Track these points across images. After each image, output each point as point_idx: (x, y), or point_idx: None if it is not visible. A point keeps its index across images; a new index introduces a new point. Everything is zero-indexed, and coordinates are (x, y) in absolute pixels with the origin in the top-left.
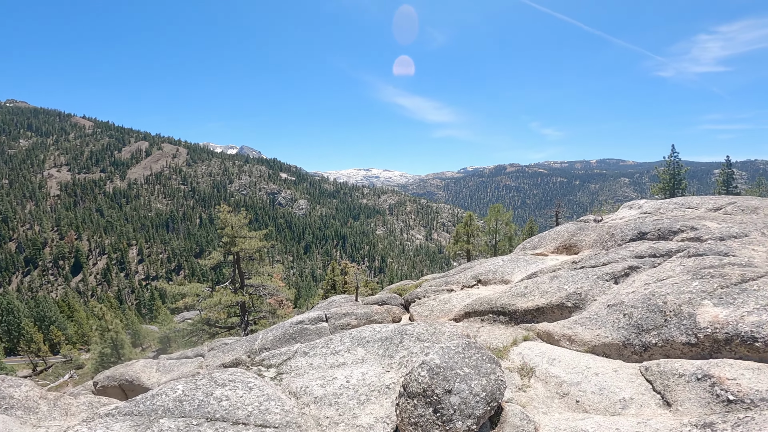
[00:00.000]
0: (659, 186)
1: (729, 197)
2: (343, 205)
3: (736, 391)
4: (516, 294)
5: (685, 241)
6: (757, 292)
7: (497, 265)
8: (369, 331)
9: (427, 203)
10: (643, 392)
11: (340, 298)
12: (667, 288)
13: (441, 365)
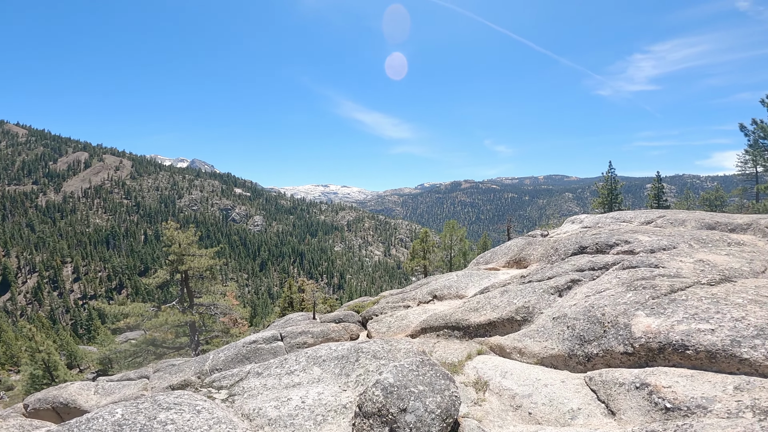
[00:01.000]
0: (599, 200)
1: (659, 211)
2: (300, 222)
3: (672, 398)
4: (469, 309)
5: (620, 254)
6: (685, 302)
7: (452, 280)
8: (325, 349)
9: (385, 219)
10: (589, 402)
11: (297, 316)
12: (604, 300)
13: (395, 384)
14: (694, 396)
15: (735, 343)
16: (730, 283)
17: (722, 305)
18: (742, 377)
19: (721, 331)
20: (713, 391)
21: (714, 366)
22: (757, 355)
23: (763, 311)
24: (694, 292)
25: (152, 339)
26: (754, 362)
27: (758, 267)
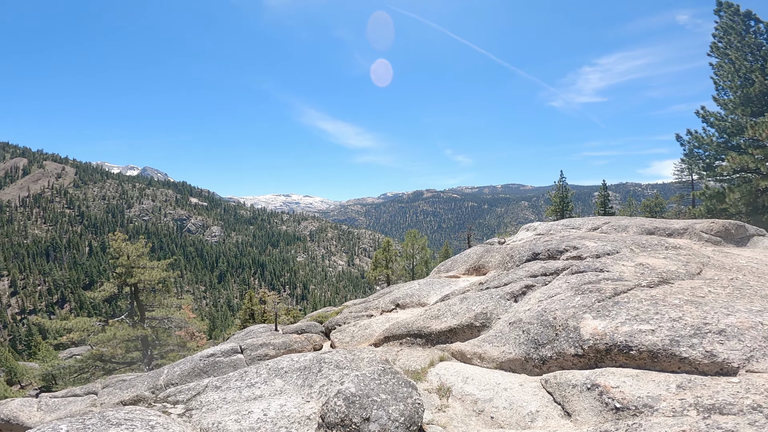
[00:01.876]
0: (551, 208)
1: (605, 218)
2: (261, 232)
3: (621, 398)
4: (430, 316)
5: (569, 260)
6: (627, 304)
7: (414, 288)
8: (287, 361)
9: (348, 229)
10: (546, 404)
11: (259, 328)
12: (555, 304)
13: (357, 393)
14: (641, 395)
15: (674, 342)
16: (668, 285)
17: (661, 306)
18: (684, 376)
19: (661, 332)
20: (658, 390)
21: (657, 365)
22: (696, 354)
23: (698, 311)
24: (636, 294)
25: (100, 354)
26: (693, 361)
27: (693, 269)
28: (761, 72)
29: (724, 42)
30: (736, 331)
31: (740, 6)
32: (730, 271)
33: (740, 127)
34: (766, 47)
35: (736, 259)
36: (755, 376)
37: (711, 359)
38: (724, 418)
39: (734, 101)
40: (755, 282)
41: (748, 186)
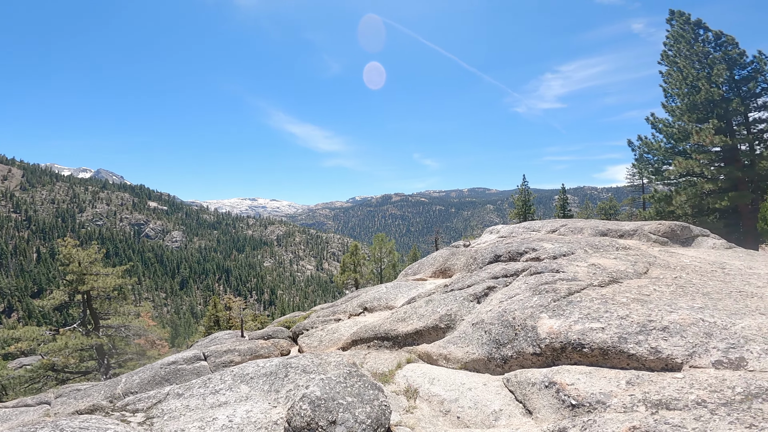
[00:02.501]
0: (515, 211)
1: (563, 220)
2: (225, 237)
3: (576, 395)
4: (397, 319)
5: (528, 261)
6: (580, 303)
7: (381, 292)
8: (252, 367)
9: (316, 233)
10: (509, 403)
11: (224, 335)
12: (515, 304)
13: (322, 397)
14: (594, 392)
15: (622, 339)
16: (618, 284)
17: (610, 305)
18: (633, 372)
19: (610, 329)
20: (609, 386)
21: (608, 362)
22: (642, 350)
23: (644, 309)
24: (588, 293)
25: (51, 364)
26: (640, 357)
27: (641, 268)
28: (707, 80)
29: (674, 50)
30: (678, 328)
31: (691, 15)
32: (674, 270)
33: (686, 133)
34: (713, 55)
35: (680, 258)
36: (698, 372)
37: (656, 355)
38: (671, 414)
39: (681, 108)
40: (697, 280)
41: (693, 189)
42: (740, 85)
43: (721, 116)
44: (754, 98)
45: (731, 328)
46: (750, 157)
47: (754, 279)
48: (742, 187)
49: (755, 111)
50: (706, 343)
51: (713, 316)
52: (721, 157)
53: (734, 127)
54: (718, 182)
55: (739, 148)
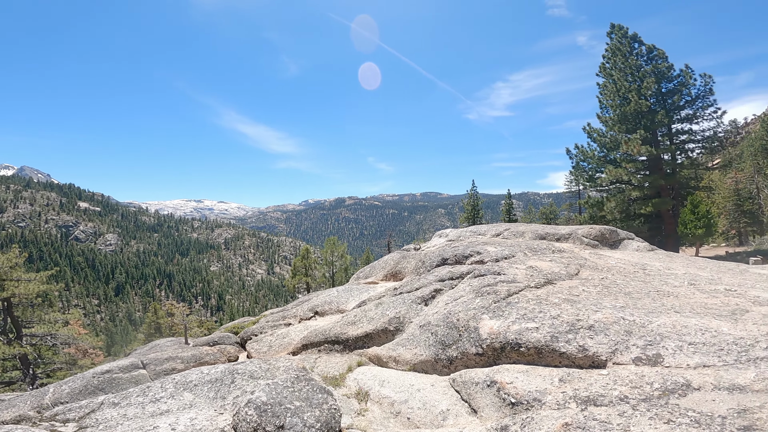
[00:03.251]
0: (464, 215)
1: (506, 224)
2: (167, 240)
3: (515, 393)
4: (347, 323)
5: (473, 264)
6: (518, 304)
7: (333, 296)
8: (196, 374)
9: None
10: (455, 402)
11: (166, 342)
12: (459, 306)
13: (268, 402)
14: (531, 390)
15: (554, 338)
16: (552, 285)
17: (544, 305)
18: (564, 369)
19: (544, 329)
20: (544, 384)
21: (542, 360)
22: (571, 349)
23: (573, 309)
24: (525, 295)
25: None
26: (570, 355)
27: (573, 270)
28: (637, 92)
29: (611, 63)
30: (602, 327)
31: (629, 29)
32: (601, 272)
33: (617, 143)
34: (644, 68)
35: (607, 260)
36: (620, 368)
37: (584, 353)
38: (598, 410)
39: (613, 119)
40: (621, 280)
41: (622, 195)
42: (666, 97)
43: (647, 127)
44: (677, 110)
45: (648, 326)
46: (672, 166)
47: (671, 279)
48: (664, 194)
49: (678, 122)
50: (627, 340)
51: (633, 314)
52: (647, 165)
53: (659, 138)
54: (643, 189)
55: (662, 158)
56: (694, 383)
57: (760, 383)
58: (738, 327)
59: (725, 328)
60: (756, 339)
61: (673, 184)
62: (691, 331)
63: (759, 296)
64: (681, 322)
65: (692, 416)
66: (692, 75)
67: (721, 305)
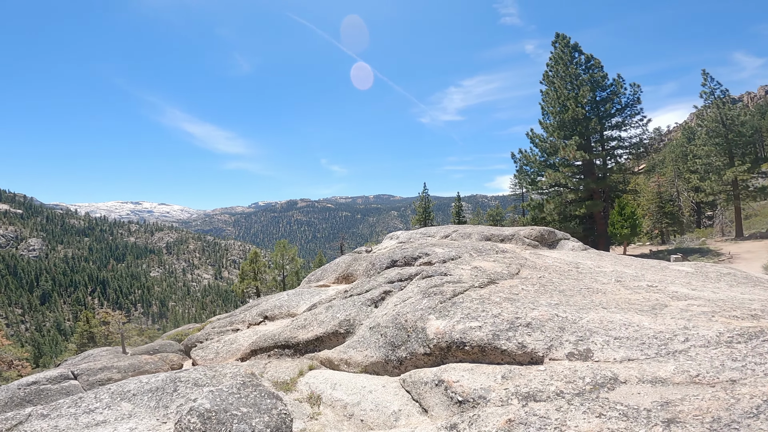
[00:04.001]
0: (416, 218)
1: (455, 226)
2: (100, 245)
3: (461, 392)
4: (297, 326)
5: (421, 266)
6: (462, 304)
7: (283, 299)
8: (134, 383)
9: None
10: (406, 403)
11: (101, 351)
12: (407, 307)
13: (212, 409)
14: (476, 388)
15: (495, 336)
16: (494, 285)
17: (487, 304)
18: (506, 366)
19: (486, 327)
20: (488, 381)
21: (486, 358)
22: (511, 346)
23: (513, 307)
24: (469, 294)
25: None
26: (510, 352)
27: (514, 270)
28: (575, 100)
29: (553, 71)
30: (539, 324)
31: (571, 38)
32: (540, 270)
33: (556, 148)
34: (582, 77)
35: (545, 259)
36: (556, 364)
37: (523, 350)
38: (537, 405)
39: (553, 125)
40: (557, 279)
41: (560, 198)
42: (600, 105)
43: (582, 134)
44: (609, 118)
45: (579, 322)
46: (603, 170)
47: (601, 277)
48: (596, 196)
49: (609, 129)
50: (561, 336)
51: (566, 311)
52: (582, 170)
53: (592, 144)
54: (578, 192)
55: (595, 163)
56: (620, 377)
57: (680, 376)
58: (658, 321)
59: (646, 323)
60: (674, 332)
61: (604, 188)
62: (617, 326)
63: (677, 291)
64: (608, 318)
65: (620, 410)
66: (623, 84)
67: (643, 301)
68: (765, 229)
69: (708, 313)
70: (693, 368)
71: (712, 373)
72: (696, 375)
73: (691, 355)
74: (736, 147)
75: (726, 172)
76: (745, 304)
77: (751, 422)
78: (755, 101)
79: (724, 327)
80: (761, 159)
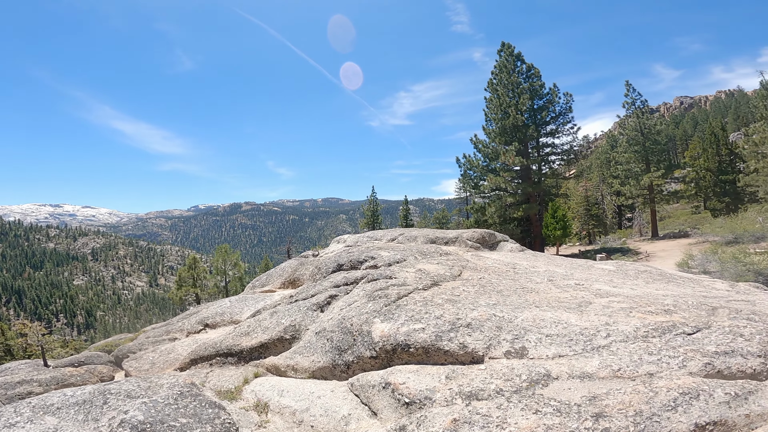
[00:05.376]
0: (364, 221)
1: (401, 229)
2: (15, 251)
3: (407, 393)
4: (240, 334)
5: (367, 269)
6: (406, 306)
7: (225, 306)
8: (58, 396)
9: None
10: (356, 407)
11: (19, 365)
12: (353, 311)
13: (146, 421)
14: (421, 389)
15: (438, 337)
16: (437, 287)
17: (430, 306)
18: (450, 366)
19: (429, 329)
20: (433, 382)
21: (430, 359)
22: (453, 346)
23: (454, 308)
24: (413, 297)
25: None
26: (453, 353)
27: (456, 272)
28: (515, 107)
29: (497, 79)
30: (478, 324)
31: (515, 48)
32: (480, 272)
33: (497, 154)
34: (522, 85)
35: (485, 261)
36: (495, 362)
37: (464, 350)
38: (480, 404)
39: (495, 131)
40: (495, 279)
41: (500, 202)
42: (537, 113)
43: (521, 140)
44: (545, 125)
45: (514, 321)
46: (539, 175)
47: (535, 276)
48: (532, 200)
49: (544, 136)
50: (498, 335)
51: (502, 311)
52: (520, 175)
53: (529, 150)
54: (516, 196)
55: (531, 168)
56: (553, 373)
57: (604, 370)
58: (583, 318)
59: (573, 320)
60: (597, 329)
61: (539, 192)
62: (548, 323)
63: (600, 289)
64: (540, 316)
65: (554, 405)
66: (558, 93)
67: (571, 299)
68: (678, 229)
69: (626, 309)
70: (615, 363)
71: (632, 367)
72: (618, 369)
73: (613, 350)
74: (652, 154)
75: (643, 178)
76: (659, 299)
77: (671, 415)
78: (671, 111)
79: (640, 322)
80: (674, 165)
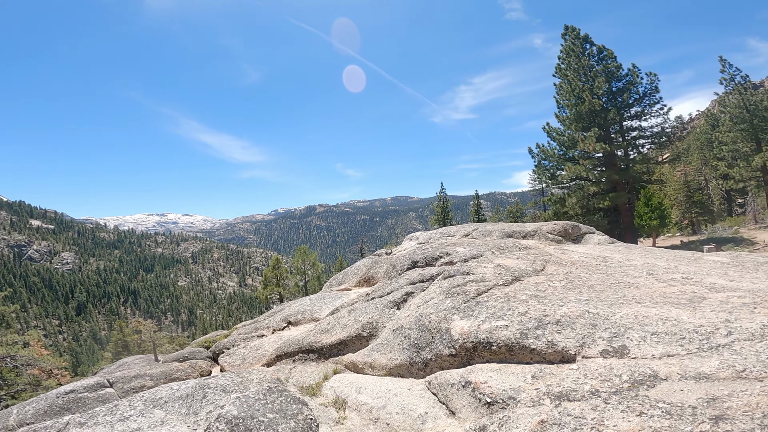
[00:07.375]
0: (435, 218)
1: (474, 225)
2: (130, 257)
3: (489, 393)
4: (321, 331)
5: (443, 266)
6: (487, 303)
7: (305, 305)
8: (166, 390)
9: (237, 248)
10: (433, 405)
11: (134, 359)
12: (430, 308)
13: (239, 416)
14: (505, 388)
15: (523, 335)
16: (519, 282)
17: (512, 302)
18: (536, 366)
19: (513, 326)
20: (517, 381)
21: (514, 358)
22: (540, 344)
23: (540, 304)
24: (493, 293)
25: None
26: (540, 351)
27: (538, 266)
28: (590, 91)
29: (565, 64)
30: (569, 321)
31: (581, 30)
32: (565, 266)
33: (574, 141)
34: (595, 68)
35: (571, 255)
36: (589, 362)
37: (553, 348)
38: (571, 405)
39: (570, 118)
40: (584, 274)
41: (582, 191)
42: (617, 96)
43: (601, 125)
44: (627, 108)
45: (612, 318)
46: (625, 161)
47: (631, 270)
48: (619, 188)
49: (629, 120)
50: (593, 333)
51: (596, 307)
52: (603, 162)
53: (612, 135)
54: (600, 185)
55: (616, 154)
56: (660, 374)
57: (725, 371)
58: (697, 315)
59: (685, 317)
60: (716, 326)
61: (628, 179)
62: (653, 320)
63: (715, 283)
64: (643, 313)
65: (663, 407)
66: (639, 74)
67: (679, 294)
68: None
69: (749, 304)
70: (739, 363)
71: (759, 367)
72: (742, 370)
73: (736, 349)
74: (762, 132)
75: (754, 158)
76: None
77: None
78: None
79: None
80: None
